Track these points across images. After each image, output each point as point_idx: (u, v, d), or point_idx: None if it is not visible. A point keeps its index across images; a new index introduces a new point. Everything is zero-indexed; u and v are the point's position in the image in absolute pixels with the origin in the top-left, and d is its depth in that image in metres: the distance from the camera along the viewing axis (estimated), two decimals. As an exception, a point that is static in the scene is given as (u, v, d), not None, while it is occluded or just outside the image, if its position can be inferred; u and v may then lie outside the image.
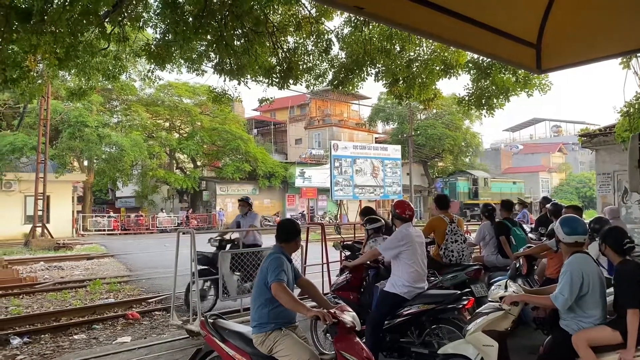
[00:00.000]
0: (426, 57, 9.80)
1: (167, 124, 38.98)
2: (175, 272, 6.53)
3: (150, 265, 14.53)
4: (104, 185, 36.76)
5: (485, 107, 9.94)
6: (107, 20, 8.04)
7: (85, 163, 33.39)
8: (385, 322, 4.67)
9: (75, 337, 7.16)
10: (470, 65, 9.64)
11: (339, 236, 8.29)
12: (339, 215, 36.67)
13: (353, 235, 9.18)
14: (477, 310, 3.98)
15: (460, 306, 4.50)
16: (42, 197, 22.50)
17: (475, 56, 9.37)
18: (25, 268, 13.85)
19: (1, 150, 26.29)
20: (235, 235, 8.52)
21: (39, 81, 9.49)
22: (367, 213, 6.57)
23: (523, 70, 8.88)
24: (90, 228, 31.86)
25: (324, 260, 7.94)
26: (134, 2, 8.20)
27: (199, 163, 40.35)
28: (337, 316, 3.31)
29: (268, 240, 7.08)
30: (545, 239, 6.36)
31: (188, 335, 6.39)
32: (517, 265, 5.96)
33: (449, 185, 41.56)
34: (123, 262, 15.90)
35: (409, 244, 4.63)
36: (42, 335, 7.13)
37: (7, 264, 12.69)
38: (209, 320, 3.81)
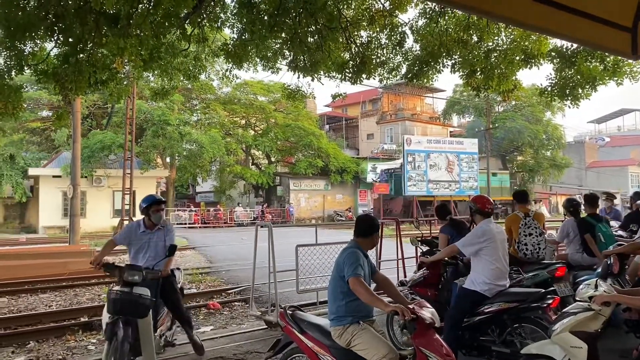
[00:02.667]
0: (505, 46, 9.43)
1: (243, 122, 40.10)
2: (254, 265, 6.71)
3: (229, 258, 15.03)
4: (185, 181, 38.52)
5: (569, 98, 9.42)
6: (187, 22, 8.36)
7: (168, 160, 35.06)
8: (464, 320, 4.57)
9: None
10: (553, 54, 9.16)
11: (417, 231, 8.17)
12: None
13: (429, 231, 9.03)
14: (563, 310, 3.79)
15: (545, 305, 4.31)
16: (128, 192, 23.86)
17: (559, 44, 8.90)
18: (114, 259, 14.75)
19: (92, 148, 28.19)
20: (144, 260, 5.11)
21: (125, 82, 10.04)
22: (442, 210, 6.43)
23: (612, 58, 8.33)
24: (173, 221, 33.42)
25: (399, 256, 7.87)
26: (212, 3, 8.49)
27: (273, 159, 41.19)
28: (416, 312, 3.27)
29: (342, 235, 7.09)
30: (637, 236, 5.95)
31: (266, 326, 6.57)
32: (608, 263, 5.62)
33: (393, 178, 33.69)
34: (204, 254, 16.56)
35: (490, 240, 4.49)
36: (132, 322, 7.57)
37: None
38: (288, 311, 3.90)
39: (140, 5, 7.29)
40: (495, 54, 9.44)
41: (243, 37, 8.90)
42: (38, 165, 31.55)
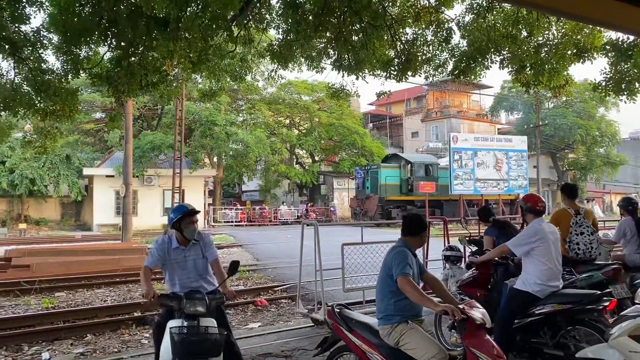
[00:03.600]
0: (556, 41, 9.12)
1: (287, 121, 40.45)
2: (300, 263, 6.78)
3: (275, 255, 15.22)
4: (231, 180, 39.23)
5: (625, 93, 9.01)
6: (234, 24, 8.51)
7: (215, 159, 35.78)
8: (515, 321, 4.47)
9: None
10: (608, 47, 8.79)
11: (465, 231, 8.04)
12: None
13: (478, 230, 8.85)
14: (622, 313, 3.65)
15: (601, 307, 4.16)
16: (178, 191, 24.50)
17: (614, 37, 8.54)
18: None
19: (143, 149, 29.09)
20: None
21: (175, 84, 10.31)
22: (484, 213, 6.30)
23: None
24: (220, 219, 34.06)
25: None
26: (258, 5, 8.61)
27: (317, 158, 41.37)
28: (466, 312, 3.23)
29: (386, 235, 7.06)
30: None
31: (313, 324, 6.62)
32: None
33: (370, 175, 30.73)
34: (250, 252, 16.82)
35: (542, 240, 4.37)
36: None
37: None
38: (335, 309, 3.92)
39: (189, 9, 7.47)
40: (545, 49, 9.15)
41: (288, 38, 8.99)
42: (92, 165, 32.87)
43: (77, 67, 7.71)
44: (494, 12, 8.91)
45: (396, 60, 9.71)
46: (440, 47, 9.87)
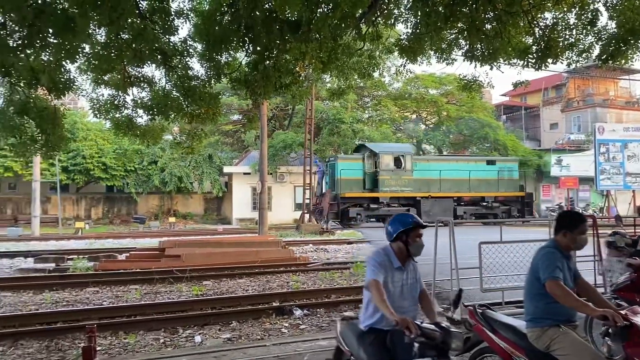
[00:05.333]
0: None
1: (414, 116, 39.88)
2: (434, 261, 6.66)
3: (404, 252, 15.09)
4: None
5: None
6: (362, 21, 8.57)
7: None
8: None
9: (345, 313, 7.89)
10: None
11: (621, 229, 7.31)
12: (605, 208, 32.40)
13: (633, 230, 8.01)
14: None
15: None
16: (308, 188, 25.36)
17: None
18: (298, 249, 15.83)
19: (276, 147, 30.60)
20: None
21: (306, 84, 10.66)
22: None
23: None
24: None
25: (596, 257, 7.13)
26: (386, 0, 8.58)
27: (445, 153, 40.30)
28: (629, 318, 2.94)
29: (526, 233, 6.65)
30: None
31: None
32: None
33: (329, 169, 26.62)
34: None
35: None
36: (318, 310, 8.07)
37: (285, 244, 14.69)
38: (477, 310, 3.77)
39: (320, 10, 7.67)
40: None
41: (417, 31, 8.84)
42: (231, 163, 35.35)
43: (218, 72, 8.29)
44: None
45: (534, 47, 9.09)
46: (584, 31, 9.05)
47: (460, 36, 8.97)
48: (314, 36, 7.75)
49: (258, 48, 8.03)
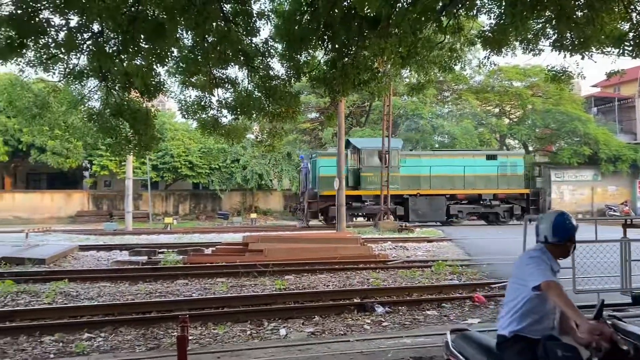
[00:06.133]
0: None
1: (496, 110, 38.46)
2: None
3: (487, 251, 14.65)
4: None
5: None
6: (443, 14, 8.38)
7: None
8: None
9: (428, 312, 7.82)
10: None
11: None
12: None
13: None
14: None
15: None
16: (385, 184, 25.14)
17: None
18: (376, 246, 15.77)
19: (355, 145, 30.62)
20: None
21: (384, 80, 10.57)
22: None
23: None
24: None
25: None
26: (468, -9, 8.33)
27: (530, 148, 38.50)
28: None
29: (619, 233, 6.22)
30: None
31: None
32: None
33: (312, 166, 25.47)
34: (461, 246, 16.46)
35: None
36: (400, 307, 8.02)
37: (364, 242, 14.69)
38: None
39: (399, 5, 7.58)
40: None
41: (501, 22, 8.52)
42: (308, 161, 35.85)
43: (298, 71, 8.43)
44: None
45: (631, 34, 8.48)
46: (687, 14, 8.33)
47: (547, 25, 8.55)
48: (393, 31, 7.69)
49: (337, 46, 8.09)
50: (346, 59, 8.23)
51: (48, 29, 6.76)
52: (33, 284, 9.77)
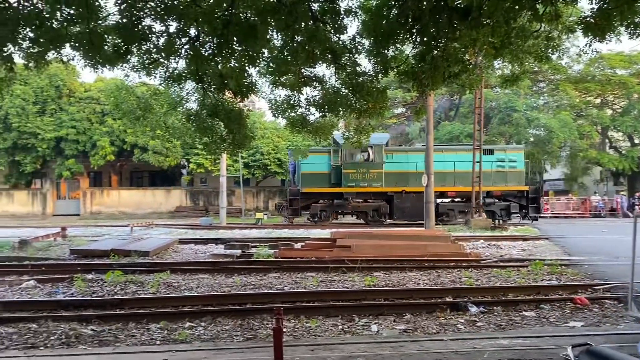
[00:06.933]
0: None
1: (597, 100, 35.97)
2: (632, 261, 5.96)
3: (589, 251, 13.76)
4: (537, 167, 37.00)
5: None
6: (538, 1, 7.95)
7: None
8: None
9: (525, 313, 7.47)
10: None
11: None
12: None
13: None
14: None
15: None
16: (477, 181, 24.33)
17: None
18: (467, 244, 15.32)
19: (441, 139, 29.96)
20: None
21: (476, 72, 10.22)
22: None
23: None
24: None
25: None
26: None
27: (637, 140, 35.58)
28: None
29: None
30: None
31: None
32: None
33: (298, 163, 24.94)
34: (559, 245, 15.58)
35: None
36: (494, 308, 7.73)
37: (455, 239, 14.31)
38: None
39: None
40: None
41: (605, 6, 7.93)
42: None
43: (385, 66, 8.37)
44: None
45: None
46: None
47: (659, 7, 7.85)
48: (485, 21, 7.42)
49: (425, 39, 7.93)
50: (435, 51, 8.06)
51: (150, 36, 7.20)
52: (139, 275, 10.50)
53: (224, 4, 7.21)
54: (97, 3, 6.37)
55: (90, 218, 33.22)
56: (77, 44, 6.68)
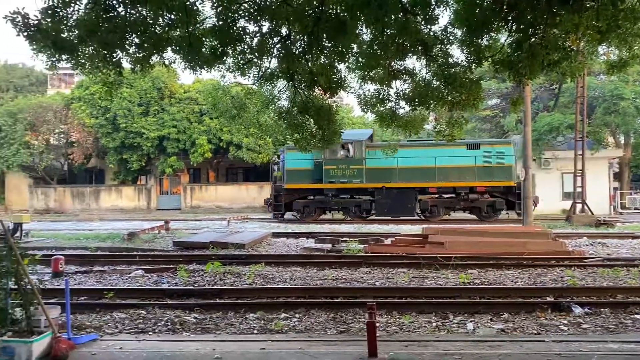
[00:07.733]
0: None
1: None
2: None
3: None
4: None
5: None
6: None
7: (621, 138, 31.85)
8: None
9: (637, 316, 6.91)
10: None
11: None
12: None
13: None
14: None
15: None
16: (579, 174, 22.91)
17: None
18: (570, 242, 14.44)
19: (539, 131, 28.37)
20: None
21: (579, 59, 9.57)
22: None
23: None
24: (629, 206, 30.17)
25: None
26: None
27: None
28: None
29: None
30: None
31: None
32: None
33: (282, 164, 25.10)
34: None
35: None
36: (602, 309, 7.21)
37: (555, 236, 13.55)
38: None
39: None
40: None
41: None
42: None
43: (479, 56, 8.07)
44: None
45: None
46: None
47: None
48: (589, 4, 6.95)
49: (522, 26, 7.56)
50: (533, 39, 7.65)
51: (244, 37, 7.48)
52: (236, 266, 10.97)
53: (315, 2, 7.32)
54: (195, 8, 6.72)
55: (190, 212, 35.17)
56: (177, 48, 7.10)
